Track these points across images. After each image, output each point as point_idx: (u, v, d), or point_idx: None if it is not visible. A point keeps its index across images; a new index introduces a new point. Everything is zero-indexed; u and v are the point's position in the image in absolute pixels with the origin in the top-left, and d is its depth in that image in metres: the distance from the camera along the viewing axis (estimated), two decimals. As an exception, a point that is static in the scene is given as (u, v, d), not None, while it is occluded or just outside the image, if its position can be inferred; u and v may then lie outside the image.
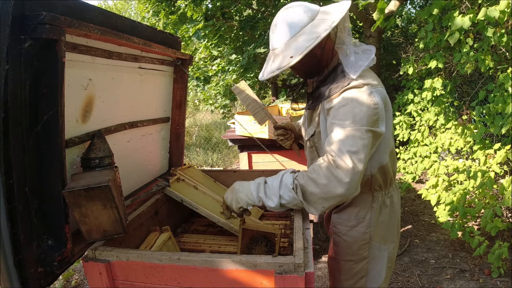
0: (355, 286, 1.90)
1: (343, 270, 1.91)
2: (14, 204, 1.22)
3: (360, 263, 1.86)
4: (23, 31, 1.18)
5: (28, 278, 1.31)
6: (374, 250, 1.85)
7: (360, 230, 1.82)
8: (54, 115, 1.27)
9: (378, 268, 1.88)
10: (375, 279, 1.89)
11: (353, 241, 1.83)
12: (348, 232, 1.84)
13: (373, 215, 1.81)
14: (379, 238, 1.85)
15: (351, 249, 1.85)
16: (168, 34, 2.26)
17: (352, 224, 1.83)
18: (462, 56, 3.47)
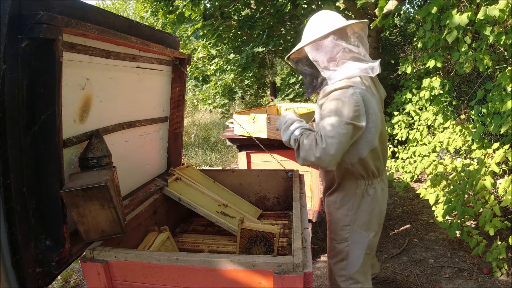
0: (337, 266, 2.18)
1: (329, 247, 2.22)
2: (11, 204, 1.22)
3: (341, 244, 2.13)
4: (20, 30, 1.18)
5: (26, 278, 1.31)
6: (355, 234, 2.09)
7: (342, 212, 2.09)
8: (52, 115, 1.27)
9: (357, 252, 2.11)
10: (354, 264, 2.13)
11: (336, 221, 2.13)
12: (334, 213, 2.14)
13: (355, 200, 2.06)
14: (361, 224, 2.08)
15: (335, 228, 2.15)
16: (166, 33, 2.26)
17: (337, 206, 2.11)
18: (461, 56, 3.47)
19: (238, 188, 2.64)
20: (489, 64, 3.31)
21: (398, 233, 4.24)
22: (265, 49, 5.73)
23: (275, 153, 3.41)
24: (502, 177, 3.64)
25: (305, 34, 2.02)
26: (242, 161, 3.57)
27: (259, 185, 2.63)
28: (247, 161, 3.57)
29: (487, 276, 3.26)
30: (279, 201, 2.64)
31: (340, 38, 1.88)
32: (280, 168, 2.64)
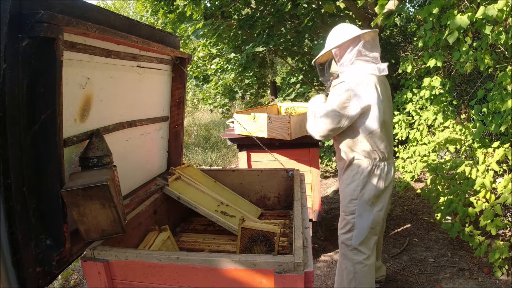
0: (345, 236, 2.56)
1: (340, 219, 2.64)
2: (12, 204, 1.22)
3: (349, 215, 2.52)
4: (20, 29, 1.18)
5: (26, 278, 1.31)
6: (361, 207, 2.47)
7: (351, 187, 2.49)
8: (52, 114, 1.27)
9: (363, 224, 2.48)
10: (360, 235, 2.50)
11: (346, 196, 2.53)
12: (344, 188, 2.54)
13: (363, 178, 2.45)
14: (367, 199, 2.46)
15: (344, 201, 2.56)
16: (167, 33, 2.26)
17: (348, 182, 2.51)
18: (461, 55, 3.46)
19: (239, 188, 2.64)
20: (490, 63, 3.31)
21: (399, 233, 4.24)
22: (265, 48, 5.73)
23: (276, 152, 3.41)
24: (502, 176, 3.64)
25: (331, 39, 2.53)
26: (243, 161, 3.57)
27: (260, 184, 2.63)
28: (248, 160, 3.57)
29: (488, 275, 3.26)
30: (280, 201, 2.64)
31: (357, 43, 2.37)
32: (281, 168, 2.64)
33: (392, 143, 2.59)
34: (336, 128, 2.38)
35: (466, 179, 3.53)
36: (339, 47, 2.46)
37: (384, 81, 2.51)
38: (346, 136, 2.47)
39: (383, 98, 2.40)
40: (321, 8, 5.85)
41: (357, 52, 2.38)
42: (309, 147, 3.47)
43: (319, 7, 5.94)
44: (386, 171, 2.47)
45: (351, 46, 2.39)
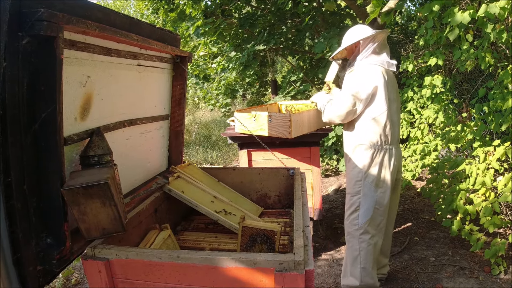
0: (351, 216, 2.82)
1: (346, 201, 2.88)
2: (12, 202, 1.22)
3: (355, 196, 2.79)
4: (21, 28, 1.18)
5: (27, 276, 1.31)
6: (365, 188, 2.73)
7: (356, 170, 2.77)
8: (52, 113, 1.27)
9: (367, 204, 2.73)
10: (365, 214, 2.74)
11: (352, 178, 2.81)
12: (351, 171, 2.83)
13: (367, 161, 2.72)
14: (371, 181, 2.72)
15: (350, 183, 2.83)
16: (167, 31, 2.25)
17: (353, 165, 2.79)
18: (462, 53, 3.46)
19: (239, 186, 2.63)
20: (491, 62, 3.30)
21: (400, 231, 4.24)
22: (266, 47, 5.72)
23: (276, 151, 3.41)
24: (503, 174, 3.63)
25: (349, 37, 2.84)
26: (243, 159, 3.57)
27: (260, 183, 2.63)
28: (248, 159, 3.57)
29: (488, 274, 3.25)
30: (280, 199, 2.63)
31: (372, 41, 2.72)
32: (281, 166, 2.64)
33: (398, 130, 2.84)
34: (353, 111, 2.70)
35: (466, 178, 3.52)
36: (357, 44, 2.78)
37: (392, 75, 2.82)
38: (352, 121, 2.78)
39: (389, 87, 2.70)
40: (322, 7, 5.84)
41: (372, 49, 2.71)
42: (310, 145, 3.47)
43: (320, 5, 5.93)
44: (389, 155, 2.73)
45: (368, 43, 2.72)
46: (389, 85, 2.73)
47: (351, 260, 2.84)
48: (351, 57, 2.90)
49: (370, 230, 2.77)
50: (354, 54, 2.84)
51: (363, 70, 2.69)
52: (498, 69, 3.57)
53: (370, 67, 2.68)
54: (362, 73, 2.68)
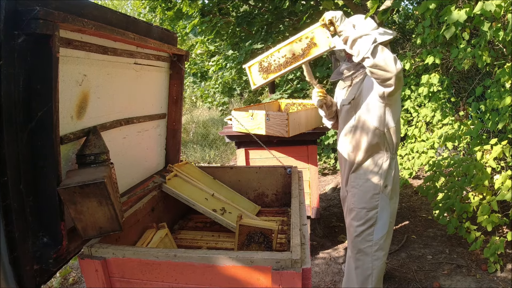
0: (366, 232, 2.49)
1: (358, 217, 2.52)
2: (8, 201, 1.21)
3: (371, 211, 2.47)
4: (16, 26, 1.17)
5: (24, 276, 1.30)
6: (382, 201, 2.46)
7: (374, 181, 2.46)
8: (48, 112, 1.26)
9: (384, 218, 2.47)
10: (381, 228, 2.48)
11: (367, 191, 2.48)
12: (364, 183, 2.49)
13: (383, 171, 2.46)
14: (387, 192, 2.47)
15: (365, 197, 2.48)
16: (164, 29, 2.25)
17: (368, 177, 2.48)
18: (459, 52, 3.47)
19: (237, 185, 2.63)
20: (488, 60, 3.31)
21: (397, 230, 4.25)
22: (263, 45, 5.72)
23: (274, 149, 3.41)
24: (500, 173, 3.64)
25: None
26: (241, 158, 3.57)
27: (258, 181, 2.63)
28: (246, 157, 3.57)
29: (485, 272, 3.27)
30: (278, 198, 2.64)
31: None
32: (279, 165, 2.64)
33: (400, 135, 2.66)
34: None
35: (463, 176, 3.54)
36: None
37: None
38: (366, 130, 2.44)
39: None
40: (320, 5, 5.84)
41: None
42: (307, 144, 3.48)
43: (317, 4, 5.93)
44: (397, 163, 2.57)
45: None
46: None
47: (361, 280, 2.56)
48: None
49: (385, 246, 2.52)
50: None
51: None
52: (495, 68, 3.58)
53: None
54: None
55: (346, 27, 2.08)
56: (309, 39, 2.20)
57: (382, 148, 2.45)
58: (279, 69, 2.27)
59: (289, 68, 2.25)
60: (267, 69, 2.30)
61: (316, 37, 2.19)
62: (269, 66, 2.29)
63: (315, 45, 2.19)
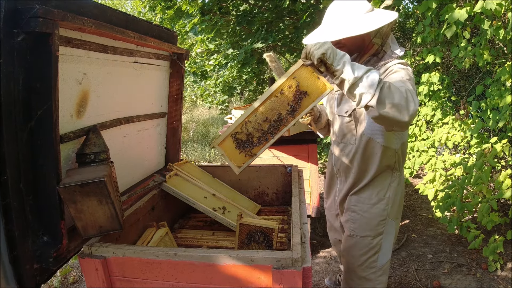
0: (370, 260, 2.17)
1: (360, 246, 2.17)
2: (8, 200, 1.21)
3: (376, 238, 2.14)
4: (16, 24, 1.17)
5: (24, 275, 1.30)
6: (388, 226, 2.15)
7: (380, 207, 2.11)
8: (48, 110, 1.26)
9: (389, 243, 2.18)
10: (386, 254, 2.18)
11: (373, 217, 2.12)
12: (369, 209, 2.12)
13: (392, 193, 2.11)
14: (393, 215, 2.15)
15: (370, 224, 2.13)
16: (164, 28, 2.24)
17: (374, 202, 2.11)
18: (460, 51, 3.46)
19: (237, 184, 2.63)
20: (488, 59, 3.31)
21: (397, 229, 4.24)
22: (264, 45, 5.70)
23: (274, 148, 3.40)
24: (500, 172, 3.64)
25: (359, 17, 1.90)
26: (241, 157, 3.56)
27: (258, 180, 2.63)
28: (246, 156, 3.56)
29: (486, 271, 3.27)
30: (278, 197, 2.63)
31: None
32: (279, 164, 2.64)
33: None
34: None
35: (464, 175, 3.53)
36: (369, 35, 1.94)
37: None
38: (373, 150, 2.04)
39: None
40: (320, 4, 5.82)
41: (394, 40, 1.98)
42: (308, 143, 3.47)
43: (317, 2, 5.91)
44: (403, 179, 2.20)
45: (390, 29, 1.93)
46: None
47: None
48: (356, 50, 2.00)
49: (388, 268, 2.25)
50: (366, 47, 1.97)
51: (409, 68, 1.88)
52: (495, 67, 3.58)
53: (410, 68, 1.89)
54: (410, 69, 1.87)
55: (343, 64, 1.53)
56: (293, 89, 1.68)
57: (391, 167, 2.09)
58: (265, 138, 1.74)
59: (278, 135, 1.73)
60: (249, 143, 1.76)
61: (303, 83, 1.67)
62: (251, 138, 1.76)
63: (305, 94, 1.68)
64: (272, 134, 1.73)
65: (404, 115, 1.54)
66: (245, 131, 1.74)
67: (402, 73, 1.79)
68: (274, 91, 1.70)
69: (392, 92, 1.53)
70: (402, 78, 1.75)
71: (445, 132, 4.21)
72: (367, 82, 1.51)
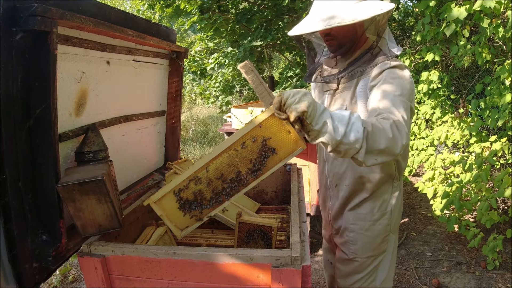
0: (369, 279, 1.89)
1: (361, 268, 1.87)
2: (7, 199, 1.21)
3: (379, 257, 1.87)
4: (14, 23, 1.16)
5: (23, 273, 1.30)
6: (390, 242, 1.88)
7: (383, 222, 1.82)
8: (47, 109, 1.25)
9: (390, 259, 1.90)
10: (384, 270, 1.90)
11: (377, 235, 1.82)
12: (372, 226, 1.82)
13: (394, 205, 1.83)
14: (394, 229, 1.88)
15: (373, 243, 1.83)
16: (163, 26, 2.24)
17: (376, 218, 1.81)
18: (459, 49, 3.46)
19: (236, 182, 2.63)
20: (488, 57, 3.30)
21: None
22: (263, 43, 5.70)
23: (273, 147, 3.39)
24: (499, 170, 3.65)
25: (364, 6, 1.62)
26: (240, 155, 3.56)
27: (257, 179, 2.62)
28: (245, 155, 3.56)
29: (485, 269, 3.27)
30: (277, 195, 2.63)
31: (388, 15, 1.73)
32: (278, 162, 2.63)
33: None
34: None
35: (463, 173, 3.54)
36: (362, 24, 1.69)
37: None
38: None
39: None
40: (319, 2, 5.82)
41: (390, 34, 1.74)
42: (307, 141, 3.46)
43: (316, 1, 5.91)
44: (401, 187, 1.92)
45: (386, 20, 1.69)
46: None
47: None
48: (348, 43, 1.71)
49: (390, 283, 1.96)
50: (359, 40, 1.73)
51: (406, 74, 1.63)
52: (495, 65, 3.58)
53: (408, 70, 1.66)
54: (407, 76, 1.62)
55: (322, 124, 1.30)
56: (259, 143, 1.39)
57: (392, 177, 1.81)
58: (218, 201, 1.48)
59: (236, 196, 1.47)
60: (198, 204, 1.49)
61: (271, 137, 1.40)
62: (199, 198, 1.48)
63: (273, 152, 1.41)
64: (227, 196, 1.44)
65: (393, 153, 1.39)
66: (193, 189, 1.44)
67: (395, 85, 1.55)
68: (234, 143, 1.39)
69: (377, 136, 1.35)
70: (394, 93, 1.52)
71: (444, 131, 4.21)
72: (351, 137, 1.31)
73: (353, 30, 1.68)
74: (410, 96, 1.57)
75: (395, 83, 1.56)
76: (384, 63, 1.64)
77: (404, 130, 1.41)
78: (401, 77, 1.59)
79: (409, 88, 1.58)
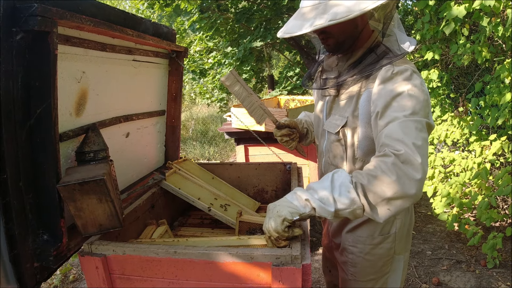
0: None
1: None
2: (8, 199, 1.21)
3: (381, 279, 1.72)
4: (14, 23, 1.16)
5: (24, 273, 1.30)
6: (395, 263, 1.70)
7: (385, 246, 1.64)
8: (47, 109, 1.26)
9: (396, 278, 1.74)
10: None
11: (378, 259, 1.67)
12: (372, 250, 1.66)
13: (399, 227, 1.63)
14: (400, 250, 1.69)
15: (374, 267, 1.69)
16: (163, 26, 2.24)
17: (377, 241, 1.64)
18: (459, 48, 3.46)
19: (236, 181, 2.63)
20: (487, 56, 3.31)
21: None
22: (263, 43, 5.70)
23: (273, 146, 3.40)
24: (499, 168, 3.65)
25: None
26: (240, 154, 3.57)
27: (257, 178, 2.63)
28: (245, 154, 3.57)
29: (485, 268, 3.28)
30: (278, 194, 2.64)
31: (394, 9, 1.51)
32: (278, 161, 2.64)
33: None
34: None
35: (463, 172, 3.54)
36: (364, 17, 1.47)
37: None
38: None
39: None
40: (319, 1, 5.82)
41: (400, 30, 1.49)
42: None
43: None
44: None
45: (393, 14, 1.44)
46: None
47: None
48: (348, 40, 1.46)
49: None
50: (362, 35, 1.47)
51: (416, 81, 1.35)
52: (494, 64, 3.58)
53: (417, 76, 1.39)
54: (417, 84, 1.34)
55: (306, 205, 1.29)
56: None
57: None
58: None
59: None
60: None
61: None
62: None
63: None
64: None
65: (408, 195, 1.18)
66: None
67: (403, 102, 1.29)
68: None
69: (377, 185, 1.19)
70: (403, 112, 1.27)
71: (444, 129, 4.21)
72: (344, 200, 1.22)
73: (352, 24, 1.43)
74: (425, 109, 1.30)
75: (403, 100, 1.30)
76: (386, 69, 1.38)
77: (415, 162, 1.18)
78: (410, 89, 1.31)
79: (422, 100, 1.30)
